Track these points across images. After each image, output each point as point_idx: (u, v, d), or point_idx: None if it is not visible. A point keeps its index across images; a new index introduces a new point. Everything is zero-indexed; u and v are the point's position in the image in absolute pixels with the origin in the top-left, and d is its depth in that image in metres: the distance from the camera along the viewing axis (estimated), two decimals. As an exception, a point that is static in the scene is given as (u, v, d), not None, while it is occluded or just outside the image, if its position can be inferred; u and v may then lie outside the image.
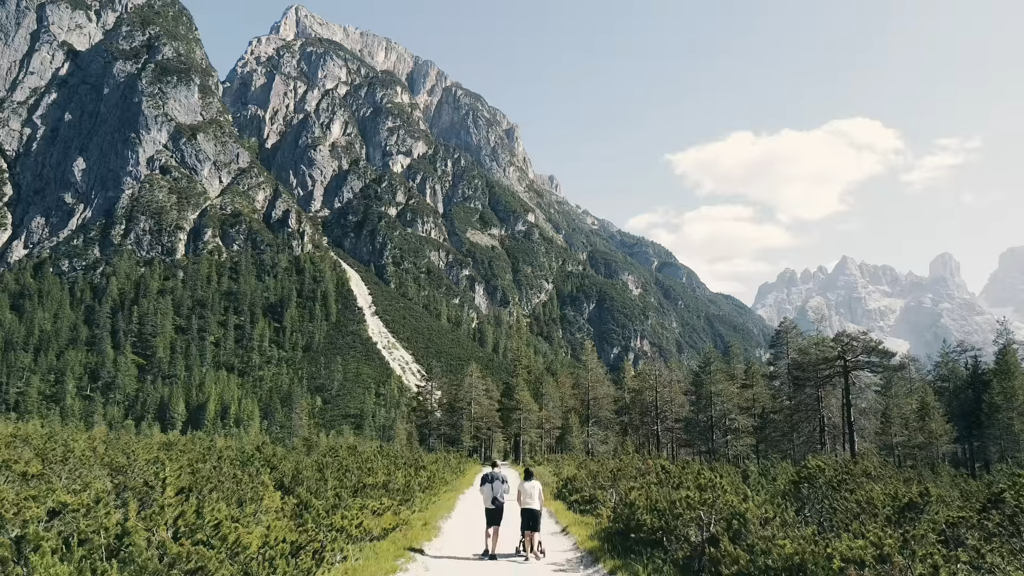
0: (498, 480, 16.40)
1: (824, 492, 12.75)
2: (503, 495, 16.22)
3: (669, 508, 12.53)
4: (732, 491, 12.61)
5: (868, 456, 48.04)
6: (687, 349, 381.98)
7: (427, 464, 30.62)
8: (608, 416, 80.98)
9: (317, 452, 40.10)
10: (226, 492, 14.49)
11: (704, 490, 11.96)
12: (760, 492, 15.89)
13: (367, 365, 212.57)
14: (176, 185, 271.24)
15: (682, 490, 13.16)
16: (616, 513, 14.28)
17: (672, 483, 16.28)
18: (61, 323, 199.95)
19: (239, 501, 15.20)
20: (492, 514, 16.05)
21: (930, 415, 52.38)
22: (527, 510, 15.97)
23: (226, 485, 14.97)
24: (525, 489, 16.18)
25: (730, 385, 64.49)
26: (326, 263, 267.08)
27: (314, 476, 18.31)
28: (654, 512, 13.14)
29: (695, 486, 12.67)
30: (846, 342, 50.05)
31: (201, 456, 23.54)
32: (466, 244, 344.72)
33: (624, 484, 18.98)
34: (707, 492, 11.95)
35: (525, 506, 16.02)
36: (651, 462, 23.33)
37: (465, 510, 23.67)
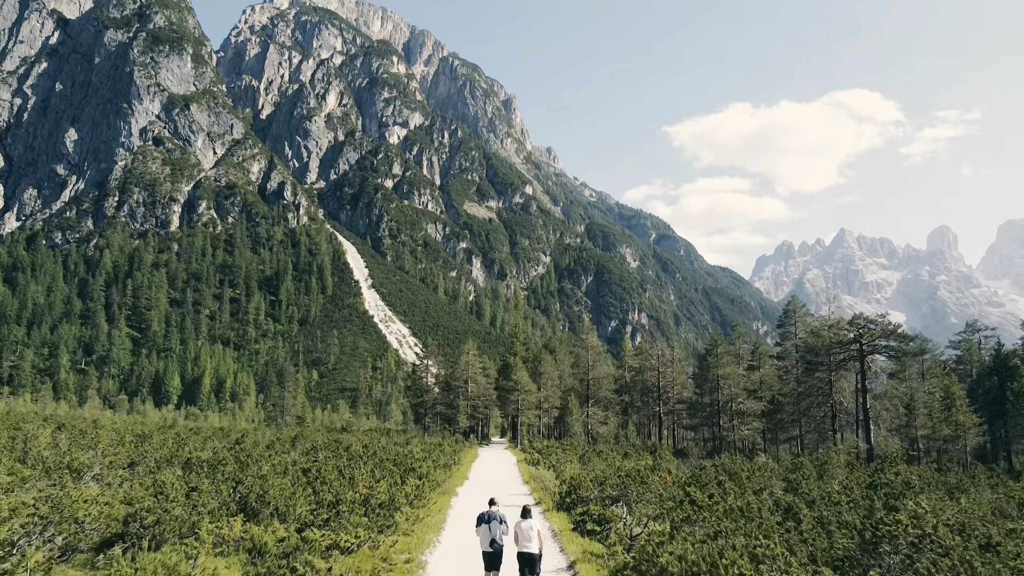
0: (496, 520, 14.42)
1: (906, 548, 10.85)
2: (502, 537, 14.38)
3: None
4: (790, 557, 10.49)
5: (888, 447, 46.39)
6: (684, 322, 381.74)
7: (417, 464, 28.44)
8: (608, 396, 79.42)
9: (303, 442, 38.75)
10: (173, 524, 13.08)
11: (758, 560, 10.00)
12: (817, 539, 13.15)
13: (364, 339, 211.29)
14: (169, 156, 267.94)
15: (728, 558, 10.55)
16: (637, 556, 12.43)
17: (706, 524, 13.99)
18: (54, 296, 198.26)
19: (191, 528, 13.76)
20: (490, 558, 14.30)
21: (956, 405, 50.04)
22: (525, 555, 13.90)
23: (175, 513, 13.50)
24: (522, 530, 14.08)
25: (736, 368, 62.44)
26: (322, 236, 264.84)
27: (284, 494, 16.68)
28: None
29: (745, 553, 10.50)
30: (863, 325, 48.17)
31: (166, 457, 21.94)
32: (463, 216, 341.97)
33: (642, 510, 17.22)
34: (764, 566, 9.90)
35: (523, 550, 13.93)
36: (668, 477, 21.61)
37: (458, 527, 21.33)
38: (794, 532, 12.04)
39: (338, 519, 14.86)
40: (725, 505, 14.99)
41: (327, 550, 13.12)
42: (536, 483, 32.21)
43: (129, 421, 76.44)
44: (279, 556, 11.26)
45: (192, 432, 43.90)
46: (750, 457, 43.43)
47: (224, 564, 11.47)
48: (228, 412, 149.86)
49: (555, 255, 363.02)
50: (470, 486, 32.35)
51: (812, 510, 15.35)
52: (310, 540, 12.52)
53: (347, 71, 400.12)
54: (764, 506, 15.98)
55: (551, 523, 21.74)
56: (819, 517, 14.08)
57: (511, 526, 14.47)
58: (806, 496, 18.35)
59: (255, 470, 20.53)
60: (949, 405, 49.74)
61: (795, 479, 23.90)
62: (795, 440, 59.97)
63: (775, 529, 13.23)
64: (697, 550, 10.78)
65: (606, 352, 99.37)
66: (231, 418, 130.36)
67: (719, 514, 14.32)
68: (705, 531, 13.45)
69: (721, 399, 60.92)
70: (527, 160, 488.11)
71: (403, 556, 15.88)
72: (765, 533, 11.64)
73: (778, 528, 13.44)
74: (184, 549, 11.51)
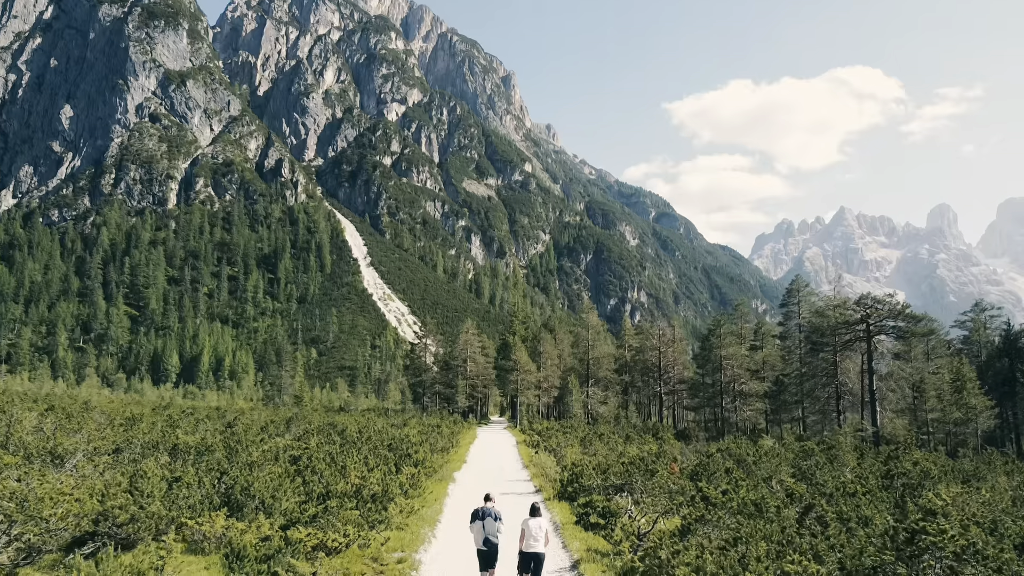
0: (491, 517, 13.45)
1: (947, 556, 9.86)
2: (497, 535, 13.43)
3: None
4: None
5: (894, 429, 45.56)
6: (684, 300, 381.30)
7: (414, 448, 27.52)
8: (608, 376, 78.71)
9: (298, 424, 37.99)
10: (148, 522, 12.26)
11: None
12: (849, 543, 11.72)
13: (362, 317, 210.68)
14: (166, 133, 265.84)
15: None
16: (647, 561, 11.59)
17: (720, 524, 12.87)
18: (52, 274, 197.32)
19: (170, 524, 12.96)
20: (484, 557, 13.43)
21: (967, 388, 49.06)
22: (530, 554, 12.98)
23: (151, 509, 12.68)
24: (530, 528, 13.13)
25: (740, 348, 61.58)
26: (320, 213, 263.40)
27: (270, 486, 15.67)
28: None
29: (770, 566, 9.37)
30: (870, 305, 47.32)
31: (153, 443, 21.09)
32: (462, 194, 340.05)
33: (648, 503, 16.25)
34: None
35: (529, 549, 13.00)
36: (676, 466, 20.73)
37: (455, 519, 20.03)
38: (820, 537, 10.97)
39: (327, 515, 13.91)
40: (738, 499, 14.08)
41: (313, 550, 12.25)
42: (536, 468, 31.67)
43: (125, 400, 75.94)
44: (259, 560, 10.40)
45: (185, 413, 43.11)
46: (754, 439, 42.72)
47: (204, 564, 10.67)
48: (226, 391, 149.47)
49: (554, 233, 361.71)
50: (468, 472, 31.66)
51: (830, 504, 14.43)
52: (293, 541, 11.65)
53: (345, 47, 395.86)
54: (777, 499, 15.07)
55: (552, 514, 20.98)
56: (839, 513, 13.16)
57: (518, 523, 13.71)
58: (821, 488, 17.48)
59: (244, 457, 19.74)
60: (960, 388, 48.77)
61: (806, 466, 23.11)
62: (797, 421, 59.28)
63: (795, 530, 12.39)
64: (716, 560, 9.84)
65: (606, 331, 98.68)
66: (229, 397, 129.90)
67: (733, 510, 13.42)
68: (721, 534, 12.47)
69: (724, 380, 60.09)
70: (526, 137, 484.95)
71: (395, 555, 15.05)
72: (788, 539, 10.74)
73: (797, 527, 12.59)
74: (160, 548, 10.70)
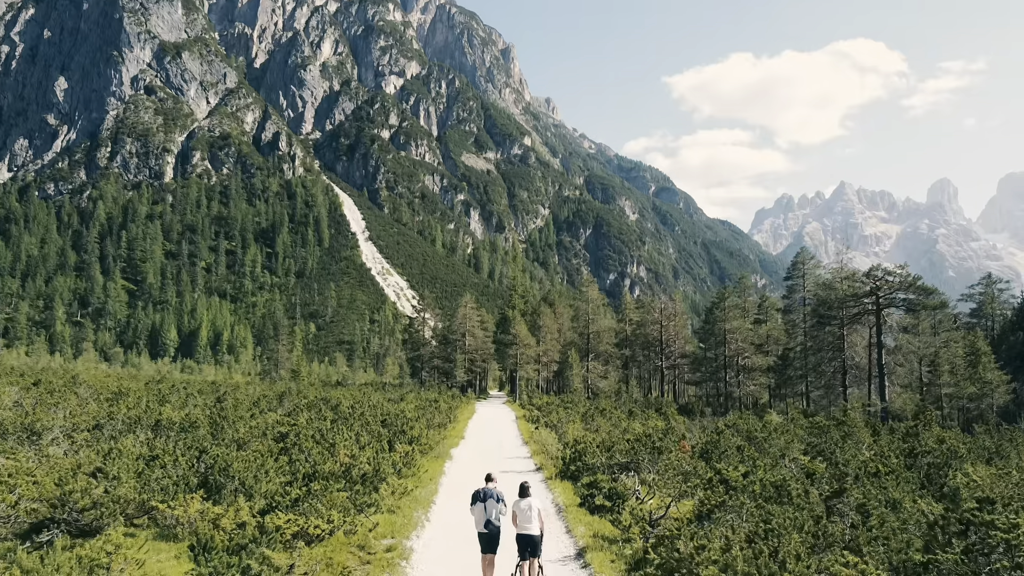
0: (492, 498, 12.85)
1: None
2: (499, 517, 12.80)
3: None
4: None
5: (903, 404, 44.89)
6: (683, 275, 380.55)
7: (409, 424, 26.44)
8: (609, 350, 78.18)
9: (290, 399, 37.38)
10: (113, 508, 11.62)
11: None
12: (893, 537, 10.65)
13: (361, 291, 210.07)
14: (162, 106, 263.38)
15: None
16: (664, 554, 10.76)
17: (744, 511, 11.62)
18: (48, 248, 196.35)
19: (141, 508, 12.19)
20: (486, 540, 12.76)
21: (982, 362, 48.24)
22: (524, 536, 12.55)
23: (119, 493, 12.04)
24: (520, 510, 12.72)
25: (744, 322, 60.74)
26: (318, 187, 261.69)
27: (251, 466, 14.77)
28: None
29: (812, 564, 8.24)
30: (880, 277, 46.43)
31: (135, 419, 20.43)
32: (461, 168, 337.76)
33: (660, 485, 14.90)
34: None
35: (522, 532, 12.58)
36: (687, 444, 19.92)
37: (451, 500, 18.66)
38: (862, 528, 9.85)
39: (309, 498, 13.00)
40: (760, 482, 13.24)
41: (293, 538, 11.39)
42: (536, 445, 30.70)
43: (120, 374, 75.45)
44: (229, 551, 9.57)
45: (174, 388, 42.39)
46: (759, 415, 42.16)
47: (175, 552, 9.98)
48: (224, 365, 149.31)
49: (554, 207, 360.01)
50: (466, 448, 30.86)
51: (857, 486, 13.48)
52: (269, 530, 10.68)
53: (342, 18, 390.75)
54: (800, 482, 14.12)
55: (554, 495, 20.03)
56: (866, 496, 12.26)
57: (509, 504, 12.99)
58: (843, 468, 16.66)
59: (231, 434, 19.08)
60: (974, 362, 48.13)
61: (820, 444, 22.43)
62: (801, 396, 58.78)
63: (826, 519, 11.34)
64: (746, 556, 8.79)
65: (605, 305, 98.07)
66: (227, 371, 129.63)
67: (755, 494, 12.58)
68: (744, 522, 11.42)
69: (727, 354, 59.35)
70: (525, 111, 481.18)
71: (385, 542, 14.20)
72: (823, 530, 9.91)
73: (828, 514, 11.70)
74: (119, 537, 10.01)
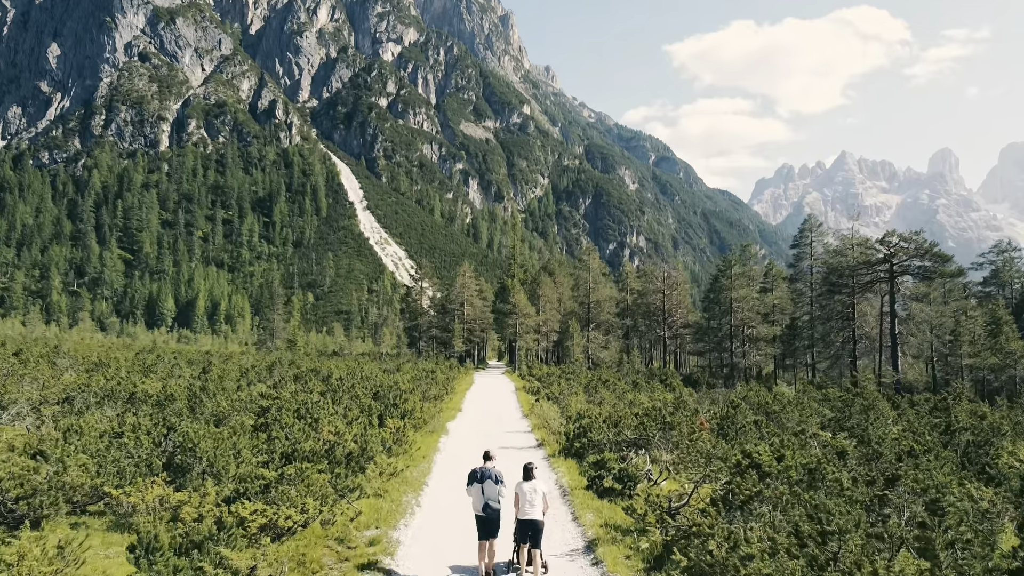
0: (491, 479, 11.48)
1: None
2: (499, 500, 11.47)
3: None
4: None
5: (917, 375, 43.79)
6: (683, 245, 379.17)
7: (402, 397, 25.25)
8: (610, 320, 77.24)
9: (281, 369, 36.45)
10: (54, 495, 10.52)
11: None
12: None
13: (359, 261, 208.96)
14: (156, 73, 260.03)
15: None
16: (678, 535, 9.67)
17: (783, 502, 9.87)
18: (43, 217, 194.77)
19: (94, 494, 10.98)
20: (484, 524, 11.41)
21: (1004, 332, 46.61)
22: (527, 522, 11.20)
23: (66, 479, 10.91)
24: (524, 493, 11.35)
25: (750, 291, 59.40)
26: (315, 156, 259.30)
27: (225, 444, 13.26)
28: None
29: None
30: (895, 243, 45.19)
31: (108, 391, 19.44)
32: (459, 137, 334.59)
33: (676, 463, 14.01)
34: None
35: (525, 516, 11.22)
36: (704, 421, 18.64)
37: (445, 481, 17.16)
38: (938, 530, 7.96)
39: (283, 483, 11.26)
40: (795, 465, 11.92)
41: (261, 532, 9.78)
42: (537, 419, 29.20)
43: (112, 344, 74.71)
44: (179, 551, 8.23)
45: (160, 358, 41.44)
46: (767, 386, 41.14)
47: (127, 543, 9.00)
48: (222, 335, 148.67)
49: (553, 177, 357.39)
50: (463, 422, 29.61)
51: (901, 468, 11.91)
52: (228, 526, 9.08)
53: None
54: (830, 461, 12.79)
55: (558, 475, 18.42)
56: (917, 483, 10.78)
57: (510, 486, 11.82)
58: (876, 447, 15.20)
59: (210, 407, 18.08)
60: (995, 332, 46.93)
61: (842, 418, 21.31)
62: (807, 367, 57.85)
63: (878, 512, 9.91)
64: (802, 568, 7.26)
65: (605, 275, 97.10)
66: (223, 341, 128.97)
67: (790, 480, 11.30)
68: (785, 515, 9.77)
69: (733, 323, 58.03)
70: (525, 79, 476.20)
71: (368, 533, 12.56)
72: (887, 530, 8.43)
73: (878, 504, 10.17)
74: (75, 525, 8.97)
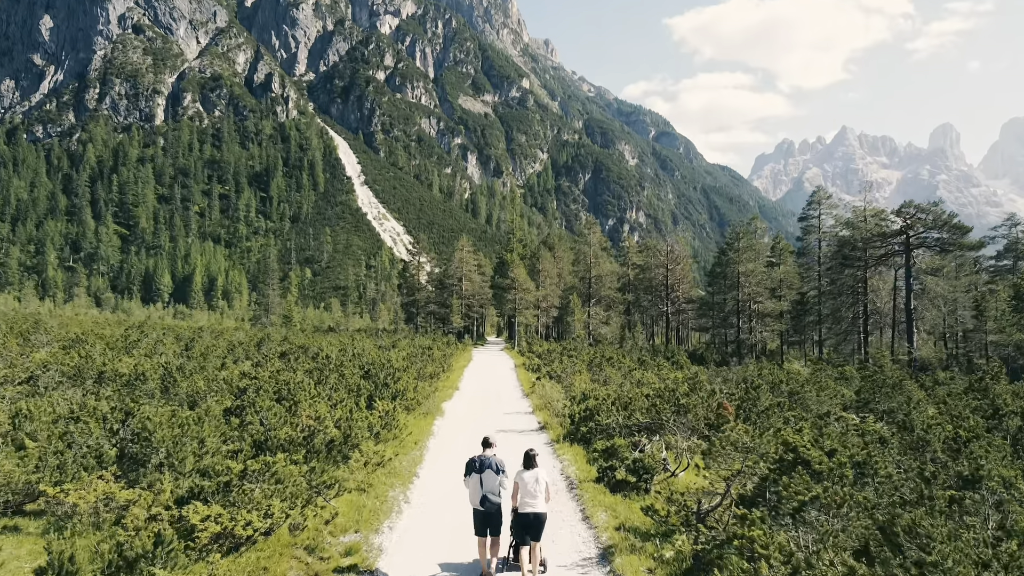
0: (490, 468, 10.09)
1: None
2: (499, 490, 10.08)
3: None
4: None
5: (934, 352, 42.57)
6: (682, 221, 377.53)
7: (395, 376, 23.62)
8: (611, 295, 75.97)
9: (269, 345, 35.39)
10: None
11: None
12: None
13: (357, 236, 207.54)
14: (151, 46, 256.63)
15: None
16: (714, 547, 8.27)
17: (838, 510, 7.99)
18: (38, 192, 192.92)
19: (28, 493, 9.68)
20: (483, 519, 10.03)
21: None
22: (529, 516, 9.85)
23: None
24: (524, 483, 10.04)
25: (758, 264, 57.89)
26: (312, 130, 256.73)
27: (188, 433, 11.56)
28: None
29: None
30: (912, 214, 43.96)
31: (75, 370, 18.22)
32: (458, 111, 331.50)
33: (714, 465, 11.06)
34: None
35: (526, 509, 9.88)
36: (729, 406, 16.91)
37: (439, 470, 15.64)
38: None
39: (244, 482, 9.38)
40: (849, 460, 10.05)
41: (214, 542, 8.21)
42: (539, 399, 27.31)
43: (104, 320, 73.65)
44: (104, 574, 6.56)
45: (144, 333, 40.21)
46: (777, 363, 40.01)
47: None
48: (218, 311, 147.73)
49: (552, 152, 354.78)
50: (460, 402, 27.88)
51: (998, 473, 10.15)
52: (165, 540, 7.30)
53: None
54: (884, 457, 10.93)
55: (563, 463, 16.69)
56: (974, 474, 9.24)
57: (511, 475, 10.41)
58: (921, 434, 13.59)
59: (184, 388, 16.98)
60: (1019, 307, 45.62)
61: (870, 400, 20.11)
62: (814, 344, 56.61)
63: (956, 522, 7.91)
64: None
65: (605, 250, 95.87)
66: (219, 317, 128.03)
67: (839, 478, 9.61)
68: (851, 524, 7.89)
69: (741, 298, 56.44)
70: (524, 52, 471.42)
71: (345, 539, 10.88)
72: (1014, 560, 6.22)
73: (957, 512, 8.23)
74: (6, 528, 7.70)
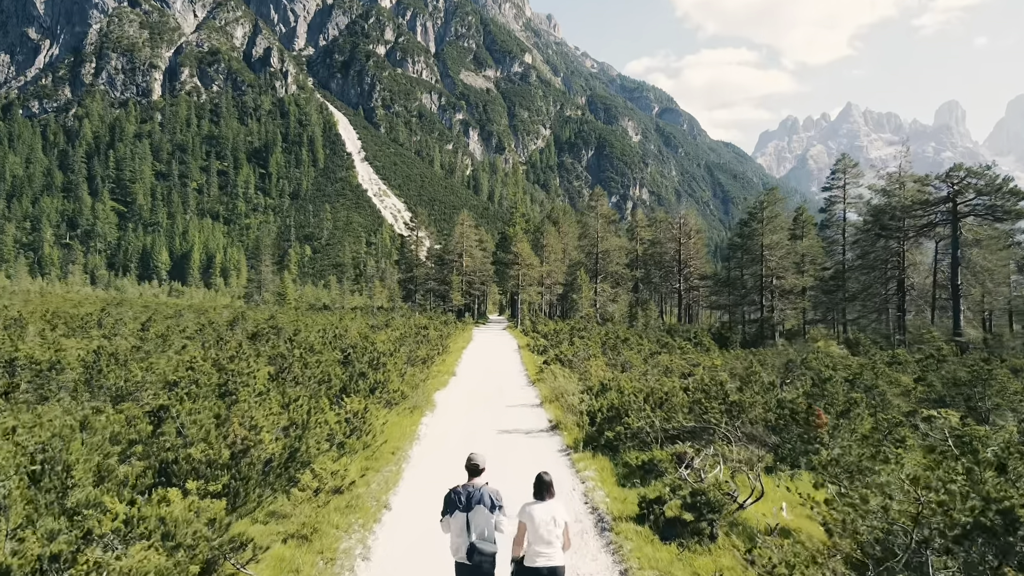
0: (482, 504, 6.62)
1: None
2: (493, 537, 6.63)
3: None
4: None
5: (979, 333, 39.59)
6: (686, 198, 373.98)
7: (378, 361, 20.20)
8: (619, 271, 73.25)
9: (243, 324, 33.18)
10: None
11: None
12: None
13: (357, 213, 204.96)
14: (147, 19, 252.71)
15: None
16: None
17: None
18: (34, 168, 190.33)
19: None
20: (466, 573, 6.59)
21: None
22: (542, 571, 6.47)
23: None
24: (535, 522, 6.51)
25: (783, 236, 53.69)
26: (312, 105, 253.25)
27: (103, 445, 8.63)
28: None
29: None
30: (962, 178, 40.97)
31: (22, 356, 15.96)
32: (459, 86, 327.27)
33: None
34: None
35: (540, 562, 6.46)
36: (822, 414, 12.48)
37: (418, 492, 11.48)
38: None
39: (125, 531, 6.35)
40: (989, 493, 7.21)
41: None
42: (548, 388, 22.30)
43: (101, 297, 71.70)
44: None
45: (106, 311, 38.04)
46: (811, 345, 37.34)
47: None
48: (215, 288, 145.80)
49: (555, 128, 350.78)
50: (455, 392, 22.93)
51: None
52: None
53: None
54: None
55: (586, 484, 12.07)
56: None
57: (513, 510, 6.94)
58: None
59: (112, 379, 14.48)
60: None
61: (971, 395, 17.67)
62: (841, 323, 53.43)
63: None
64: None
65: (612, 223, 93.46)
66: (215, 295, 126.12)
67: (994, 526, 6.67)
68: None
69: (764, 273, 52.45)
70: (526, 27, 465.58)
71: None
72: None
73: None
74: None
